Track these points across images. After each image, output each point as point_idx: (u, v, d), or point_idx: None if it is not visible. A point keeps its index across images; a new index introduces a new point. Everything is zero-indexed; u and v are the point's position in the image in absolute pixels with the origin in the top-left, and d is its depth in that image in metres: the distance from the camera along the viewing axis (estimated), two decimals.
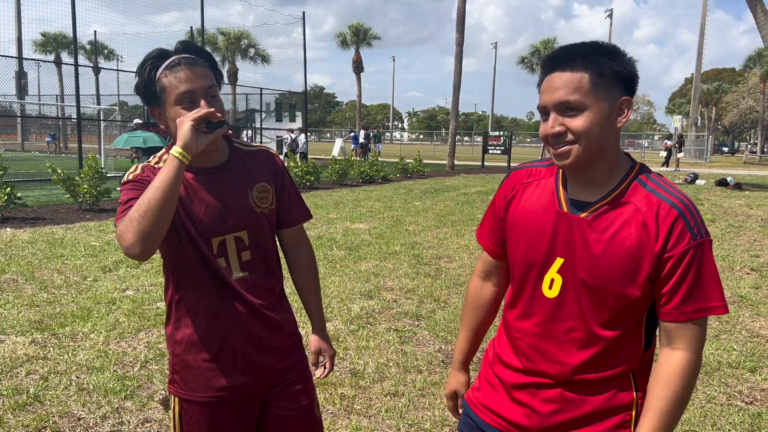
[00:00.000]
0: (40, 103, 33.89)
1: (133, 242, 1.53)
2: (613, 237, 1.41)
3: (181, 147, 1.57)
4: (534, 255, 1.52)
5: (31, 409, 3.54)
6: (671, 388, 1.39)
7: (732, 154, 63.23)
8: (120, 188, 1.74)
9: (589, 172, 1.45)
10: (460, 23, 26.24)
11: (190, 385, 1.84)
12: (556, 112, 1.41)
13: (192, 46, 1.76)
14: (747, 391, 3.97)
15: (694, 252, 1.37)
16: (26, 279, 6.35)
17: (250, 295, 1.82)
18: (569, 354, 1.49)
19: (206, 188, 1.77)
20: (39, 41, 46.11)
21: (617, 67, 1.40)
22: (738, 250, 8.67)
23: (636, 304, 1.43)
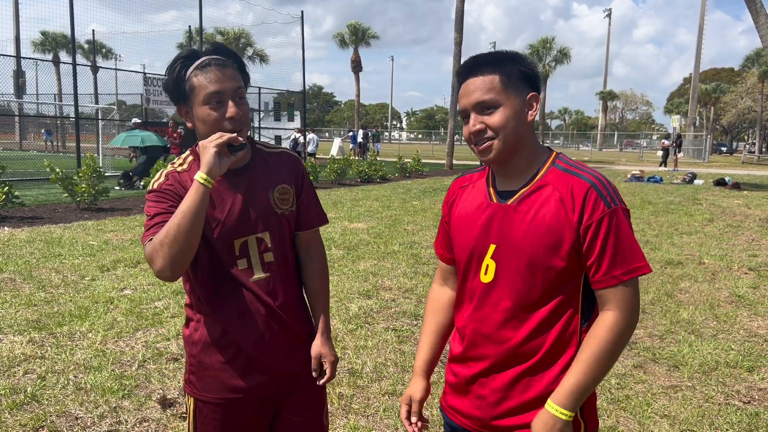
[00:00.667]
0: (38, 102, 33.85)
1: (163, 267, 1.60)
2: (534, 216, 1.54)
3: (206, 173, 1.62)
4: (472, 247, 1.65)
5: (29, 408, 3.53)
6: (598, 342, 1.49)
7: (730, 154, 63.29)
8: (147, 198, 1.78)
9: (510, 164, 1.61)
10: (459, 23, 26.24)
11: (205, 386, 1.85)
12: (475, 112, 1.57)
13: (222, 49, 1.79)
14: (745, 391, 3.97)
15: (609, 219, 1.50)
16: (24, 278, 6.34)
17: (269, 297, 1.83)
18: (508, 333, 1.59)
19: (229, 189, 1.79)
20: (37, 40, 46.04)
21: (522, 67, 1.58)
22: (736, 249, 8.68)
23: (563, 277, 1.54)
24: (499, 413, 1.62)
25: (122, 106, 34.07)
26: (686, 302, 5.96)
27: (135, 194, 14.22)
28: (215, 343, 1.82)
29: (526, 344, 1.58)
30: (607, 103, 76.27)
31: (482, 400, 1.65)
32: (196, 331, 1.86)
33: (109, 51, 47.93)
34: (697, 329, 5.16)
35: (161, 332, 4.81)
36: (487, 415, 1.64)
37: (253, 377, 1.83)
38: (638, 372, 4.24)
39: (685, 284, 6.65)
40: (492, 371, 1.63)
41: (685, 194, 16.50)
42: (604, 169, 29.48)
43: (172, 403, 3.61)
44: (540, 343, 1.57)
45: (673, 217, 11.85)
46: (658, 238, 9.51)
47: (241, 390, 1.83)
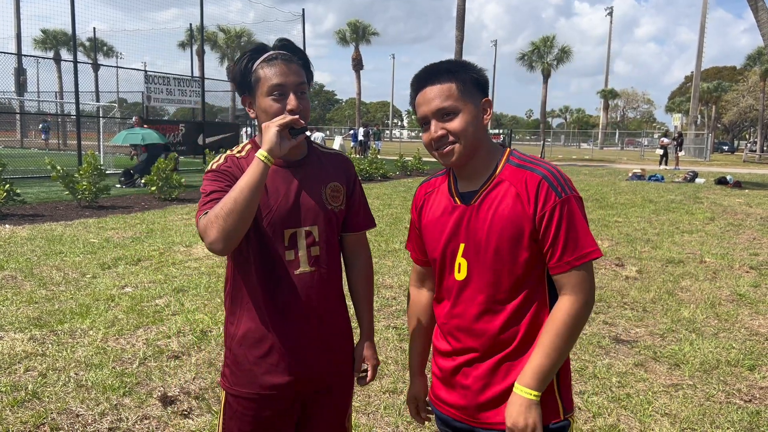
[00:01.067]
0: (39, 100, 33.85)
1: (216, 239, 1.62)
2: (495, 212, 1.64)
3: (267, 150, 1.66)
4: (443, 248, 1.74)
5: (30, 405, 3.54)
6: (556, 326, 1.60)
7: (732, 152, 63.20)
8: (204, 178, 1.82)
9: (470, 165, 1.70)
10: (460, 21, 26.22)
11: (237, 380, 1.87)
12: (436, 119, 1.66)
13: (290, 45, 1.85)
14: (746, 390, 3.97)
15: (561, 207, 1.59)
16: (25, 276, 6.35)
17: (312, 292, 1.85)
18: (485, 325, 1.69)
19: (284, 180, 1.84)
20: (38, 38, 46.04)
21: (474, 75, 1.67)
22: (737, 248, 8.67)
23: (528, 267, 1.64)
24: (484, 401, 1.70)
25: (123, 104, 34.07)
26: (687, 301, 5.96)
27: (136, 192, 14.23)
28: (251, 337, 1.84)
29: (502, 333, 1.67)
30: (608, 101, 76.16)
31: (467, 390, 1.73)
32: (232, 324, 1.88)
33: (110, 49, 47.91)
34: (698, 328, 5.16)
35: (162, 330, 4.82)
36: (472, 403, 1.72)
37: (286, 374, 1.84)
38: (639, 370, 4.24)
39: (686, 283, 6.65)
40: (474, 361, 1.72)
41: (687, 193, 16.48)
42: (605, 167, 29.46)
43: (173, 400, 3.61)
44: (515, 330, 1.67)
45: (674, 216, 11.84)
46: (659, 236, 9.50)
47: (273, 386, 1.84)
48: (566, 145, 78.66)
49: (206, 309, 5.36)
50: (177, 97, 23.53)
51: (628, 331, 5.07)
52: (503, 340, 1.68)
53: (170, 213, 11.06)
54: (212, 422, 3.39)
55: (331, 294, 1.92)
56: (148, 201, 12.67)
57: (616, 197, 14.98)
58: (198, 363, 4.18)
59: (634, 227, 10.35)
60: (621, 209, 12.68)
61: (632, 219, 11.33)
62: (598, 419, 3.52)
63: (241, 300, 1.86)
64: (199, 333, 4.74)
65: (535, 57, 49.34)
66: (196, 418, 3.45)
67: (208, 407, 3.56)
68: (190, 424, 3.37)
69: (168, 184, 12.75)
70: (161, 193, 12.77)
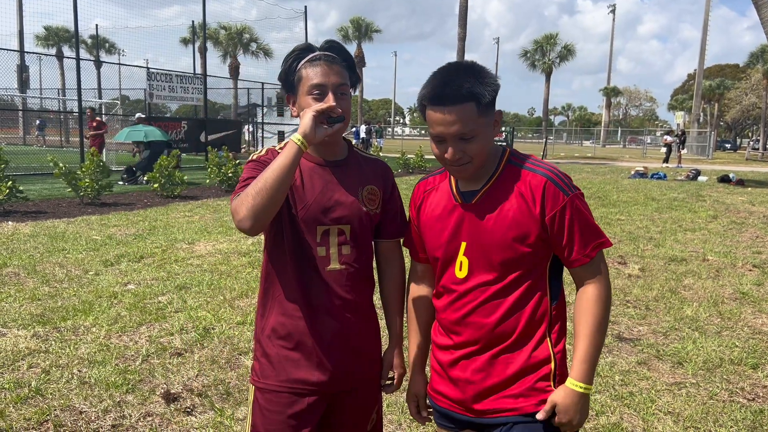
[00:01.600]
0: (42, 97, 33.89)
1: (245, 216, 1.64)
2: (499, 212, 1.68)
3: (301, 134, 1.70)
4: (445, 246, 1.77)
5: (33, 402, 3.54)
6: (592, 314, 1.68)
7: (734, 150, 63.03)
8: (245, 168, 1.85)
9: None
10: (463, 18, 26.18)
11: (266, 374, 1.88)
12: (453, 142, 1.65)
13: (336, 46, 1.89)
14: (749, 388, 3.96)
15: (570, 206, 1.65)
16: (28, 272, 6.36)
17: (342, 290, 1.87)
18: (484, 319, 1.72)
19: (321, 178, 1.87)
20: (41, 35, 46.07)
21: (489, 88, 1.63)
22: (740, 246, 8.66)
23: (529, 264, 1.69)
24: (483, 390, 1.73)
25: (125, 101, 34.08)
26: (690, 299, 5.95)
27: (138, 189, 14.24)
28: (282, 330, 1.86)
29: (500, 326, 1.71)
30: (610, 99, 76.02)
31: (465, 383, 1.76)
32: (263, 317, 1.90)
33: (113, 46, 47.95)
34: (701, 326, 5.15)
35: (165, 327, 4.82)
36: (470, 395, 1.75)
37: (314, 370, 1.85)
38: (642, 368, 4.23)
39: (689, 281, 6.64)
40: (473, 354, 1.75)
41: (689, 191, 16.45)
42: (608, 165, 29.42)
43: (175, 397, 3.62)
44: (514, 324, 1.71)
45: (676, 214, 11.82)
46: (662, 234, 9.49)
47: (301, 381, 1.85)
48: (568, 142, 78.54)
49: (209, 306, 5.36)
50: (179, 94, 23.55)
51: (631, 329, 5.06)
52: (502, 333, 1.71)
53: (173, 210, 11.07)
54: (215, 419, 3.39)
55: (360, 295, 1.93)
56: (150, 198, 12.68)
57: (618, 195, 14.95)
58: (201, 360, 4.19)
59: (637, 225, 10.33)
60: (623, 207, 12.66)
61: (635, 217, 11.31)
62: (601, 417, 3.52)
63: (274, 293, 1.88)
64: (202, 330, 4.75)
65: (538, 55, 49.24)
66: (199, 415, 3.45)
67: (211, 404, 3.56)
68: (193, 422, 3.38)
69: (170, 181, 12.75)
70: (164, 190, 12.77)
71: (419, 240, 1.90)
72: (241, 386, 3.81)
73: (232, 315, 5.15)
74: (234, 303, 5.50)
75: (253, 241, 8.31)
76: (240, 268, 6.78)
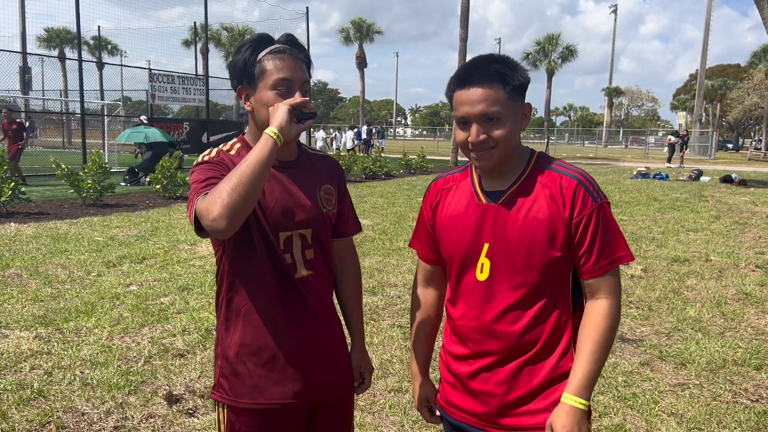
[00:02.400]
0: (44, 99, 33.94)
1: (219, 215, 1.47)
2: (527, 213, 1.61)
3: (277, 128, 1.57)
4: (465, 247, 1.69)
5: (35, 404, 3.54)
6: (598, 330, 1.59)
7: (736, 150, 62.91)
8: (191, 171, 1.71)
9: (500, 168, 1.66)
10: (464, 19, 26.16)
11: (237, 391, 1.77)
12: (478, 123, 1.58)
13: (295, 40, 1.79)
14: (752, 389, 3.95)
15: (597, 213, 1.59)
16: (30, 274, 6.36)
17: (313, 298, 1.79)
18: (507, 327, 1.64)
19: (278, 181, 1.76)
20: (43, 36, 46.15)
21: (520, 78, 1.60)
22: (743, 247, 8.64)
23: (555, 270, 1.62)
24: (508, 403, 1.66)
25: (128, 103, 34.12)
26: (693, 300, 5.94)
27: (140, 190, 14.25)
28: (252, 345, 1.75)
29: (525, 336, 1.63)
30: (612, 99, 75.94)
31: (488, 395, 1.67)
32: (227, 331, 1.79)
33: (115, 47, 48.02)
34: (704, 327, 5.13)
35: (167, 328, 4.82)
36: (494, 408, 1.67)
37: (293, 384, 1.77)
38: (645, 370, 4.22)
39: (692, 281, 6.62)
40: (495, 366, 1.67)
41: (692, 191, 16.42)
42: (610, 166, 29.38)
43: (178, 399, 3.61)
44: (539, 333, 1.63)
45: (679, 214, 11.79)
46: (665, 235, 9.47)
47: (276, 398, 1.75)
48: (570, 143, 78.47)
49: (211, 307, 5.36)
50: (181, 95, 23.57)
51: (634, 330, 5.05)
52: (526, 342, 1.64)
53: (175, 211, 11.08)
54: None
55: (325, 300, 1.85)
56: (152, 199, 12.69)
57: (620, 195, 14.93)
58: (203, 361, 4.18)
59: (639, 226, 10.32)
60: (626, 207, 12.64)
61: (637, 217, 11.29)
62: (604, 419, 3.51)
63: (238, 306, 1.76)
64: (204, 331, 4.75)
65: (540, 56, 49.18)
66: (202, 416, 3.45)
67: (213, 406, 3.56)
68: (195, 423, 3.37)
69: (172, 182, 12.76)
70: (166, 191, 12.78)
71: (432, 241, 1.81)
72: None
73: None
74: None
75: None
76: None
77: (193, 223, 1.58)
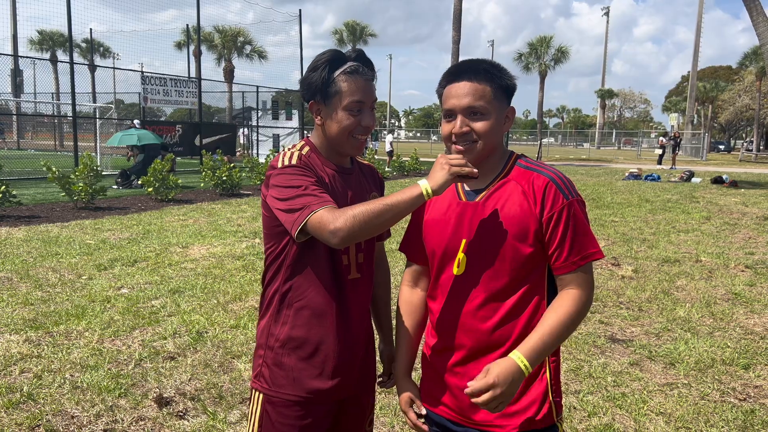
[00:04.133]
0: (36, 101, 33.78)
1: (341, 228, 1.56)
2: (501, 209, 1.67)
3: (432, 188, 1.58)
4: (445, 244, 1.75)
5: (25, 407, 3.53)
6: (564, 309, 1.63)
7: (728, 152, 63.33)
8: (279, 172, 1.74)
9: (481, 166, 1.71)
10: (457, 21, 26.24)
11: (278, 381, 1.83)
12: (463, 115, 1.66)
13: (366, 58, 1.84)
14: (740, 388, 3.98)
15: (568, 210, 1.63)
16: (21, 277, 6.34)
17: (362, 298, 1.89)
18: (479, 322, 1.69)
19: (343, 186, 1.86)
20: (35, 39, 45.93)
21: (507, 80, 1.70)
22: (733, 247, 8.69)
23: (528, 265, 1.66)
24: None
25: (120, 105, 34.02)
26: (683, 300, 5.97)
27: (132, 193, 14.21)
28: (298, 338, 1.82)
29: (496, 331, 1.68)
30: (605, 101, 76.28)
31: (459, 390, 1.71)
32: (276, 323, 1.84)
33: (107, 50, 47.88)
34: (694, 327, 5.17)
35: (158, 331, 4.81)
36: (466, 404, 1.71)
37: (331, 379, 1.83)
38: (634, 369, 4.25)
39: (682, 282, 6.66)
40: (467, 360, 1.72)
41: (683, 192, 16.51)
42: (602, 167, 29.49)
43: (168, 401, 3.61)
44: (510, 329, 1.67)
45: (670, 215, 11.86)
46: (656, 235, 9.52)
47: (318, 391, 1.83)
48: (563, 145, 78.73)
49: (202, 310, 5.36)
50: (174, 98, 23.52)
51: (624, 330, 5.08)
52: (498, 338, 1.68)
53: (167, 214, 11.05)
54: (208, 423, 3.39)
55: (368, 301, 1.96)
56: (144, 202, 12.66)
57: (612, 197, 14.99)
58: (194, 364, 4.18)
59: (631, 227, 10.37)
60: (617, 209, 12.70)
61: (628, 218, 11.35)
62: (593, 418, 3.53)
63: (291, 301, 1.83)
64: (195, 334, 4.74)
65: (533, 58, 49.33)
66: (192, 419, 3.45)
67: (203, 408, 3.56)
68: (185, 425, 3.37)
69: (165, 185, 12.74)
70: (158, 194, 12.76)
71: (419, 241, 1.87)
72: (234, 390, 3.81)
73: (226, 318, 5.15)
74: (227, 307, 5.49)
75: (247, 244, 8.31)
76: (234, 272, 6.77)
77: (300, 225, 1.63)
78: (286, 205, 1.68)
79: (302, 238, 1.68)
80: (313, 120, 1.88)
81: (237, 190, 14.69)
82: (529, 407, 1.67)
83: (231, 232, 9.23)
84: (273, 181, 1.75)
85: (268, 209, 1.78)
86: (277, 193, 1.72)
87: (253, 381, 1.90)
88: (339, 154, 1.87)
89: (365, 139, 1.86)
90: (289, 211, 1.67)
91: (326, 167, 1.84)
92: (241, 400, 3.68)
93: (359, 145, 1.83)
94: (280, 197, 1.70)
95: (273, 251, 1.85)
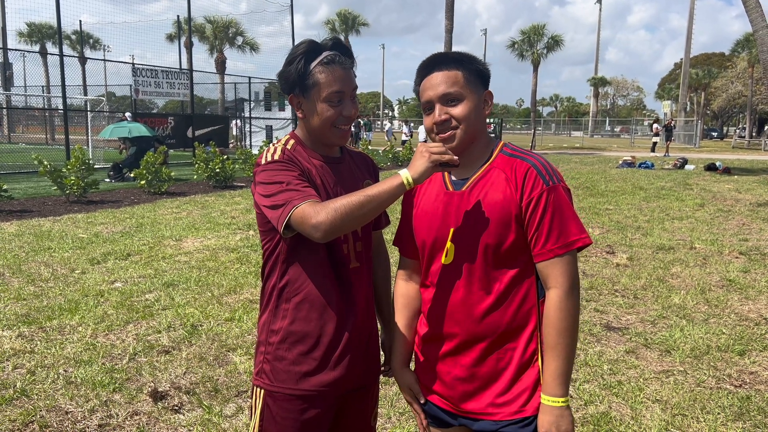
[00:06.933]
0: (26, 95, 33.49)
1: (323, 222, 1.56)
2: (485, 196, 1.68)
3: (413, 177, 1.59)
4: (434, 234, 1.76)
5: (18, 403, 3.50)
6: (555, 324, 1.62)
7: (721, 139, 63.43)
8: (263, 169, 1.74)
9: (466, 153, 1.73)
10: (449, 10, 26.11)
11: (279, 377, 1.82)
12: (440, 104, 1.69)
13: (342, 45, 1.81)
14: (736, 375, 3.99)
15: (547, 195, 1.62)
16: (13, 272, 6.29)
17: (363, 288, 1.87)
18: (469, 309, 1.70)
19: (332, 176, 1.84)
20: (24, 31, 45.46)
21: (479, 66, 1.73)
22: (727, 234, 8.72)
23: (515, 251, 1.66)
24: (471, 389, 1.72)
25: (112, 98, 33.78)
26: (678, 287, 5.98)
27: (125, 186, 14.13)
28: (298, 332, 1.80)
29: (485, 319, 1.68)
30: (598, 89, 76.24)
31: (453, 379, 1.74)
32: (275, 317, 1.83)
33: (97, 41, 47.46)
34: (689, 314, 5.18)
35: (152, 325, 4.78)
36: (458, 392, 1.74)
37: (333, 372, 1.81)
38: (630, 357, 4.25)
39: (677, 269, 6.67)
40: (460, 349, 1.73)
41: (676, 179, 16.55)
42: (596, 155, 29.53)
43: (163, 395, 3.59)
44: (500, 316, 1.68)
45: (664, 203, 11.88)
46: (650, 223, 9.53)
47: (320, 385, 1.81)
48: (557, 133, 78.78)
49: (196, 303, 5.33)
50: (165, 89, 23.33)
51: (619, 318, 5.08)
52: (487, 325, 1.68)
53: (160, 207, 10.99)
54: (203, 417, 3.37)
55: (369, 290, 1.94)
56: (137, 195, 12.59)
57: (606, 185, 15.01)
58: (188, 357, 4.16)
59: (625, 215, 10.38)
60: (611, 197, 12.71)
61: (622, 206, 11.36)
62: (589, 407, 3.53)
63: (290, 294, 1.81)
64: (190, 327, 4.72)
65: (526, 46, 49.21)
66: (187, 413, 3.43)
67: (198, 402, 3.54)
68: (180, 419, 3.35)
69: (157, 177, 12.66)
70: (151, 186, 12.68)
71: (410, 233, 1.88)
72: (230, 383, 3.79)
73: (220, 312, 5.12)
74: (222, 299, 5.47)
75: (241, 236, 8.27)
76: (228, 265, 6.74)
77: (284, 221, 1.62)
78: (270, 202, 1.68)
79: (289, 233, 1.67)
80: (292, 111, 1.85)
81: (230, 182, 14.62)
82: (520, 395, 1.68)
83: (225, 225, 9.19)
84: (258, 178, 1.75)
85: (258, 206, 1.77)
86: (262, 190, 1.72)
87: (255, 378, 1.88)
88: (325, 145, 1.85)
89: (349, 129, 1.84)
90: (273, 208, 1.66)
91: (313, 159, 1.82)
92: (237, 393, 3.66)
93: (343, 134, 1.82)
94: (265, 194, 1.70)
95: (268, 247, 1.84)
